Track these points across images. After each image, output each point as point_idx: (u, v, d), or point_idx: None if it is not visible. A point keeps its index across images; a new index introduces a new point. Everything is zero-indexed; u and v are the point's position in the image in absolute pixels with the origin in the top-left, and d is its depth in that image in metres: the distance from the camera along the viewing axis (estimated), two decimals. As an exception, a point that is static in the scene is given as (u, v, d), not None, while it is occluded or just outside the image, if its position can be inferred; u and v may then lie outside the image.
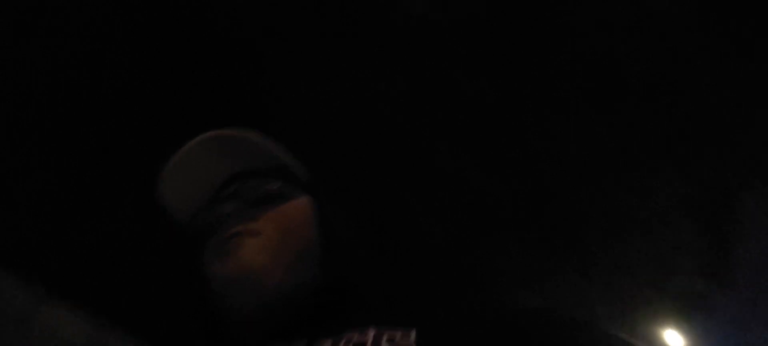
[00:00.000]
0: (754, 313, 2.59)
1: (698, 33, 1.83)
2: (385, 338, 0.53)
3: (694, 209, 2.31)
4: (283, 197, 0.67)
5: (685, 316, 2.66)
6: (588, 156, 2.23)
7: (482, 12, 1.86)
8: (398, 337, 0.53)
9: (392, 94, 2.12)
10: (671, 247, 2.43)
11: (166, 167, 0.68)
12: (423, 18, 1.91)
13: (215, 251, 0.62)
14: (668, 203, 2.29)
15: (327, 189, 0.72)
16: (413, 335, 0.53)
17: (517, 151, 2.23)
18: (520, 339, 0.57)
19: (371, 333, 0.54)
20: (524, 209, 2.43)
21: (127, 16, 1.83)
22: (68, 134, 2.09)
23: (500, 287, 2.62)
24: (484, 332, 0.57)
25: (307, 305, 0.62)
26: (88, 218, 2.34)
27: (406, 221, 2.46)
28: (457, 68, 2.04)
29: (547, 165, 2.26)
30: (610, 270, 2.54)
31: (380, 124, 2.20)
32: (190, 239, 0.68)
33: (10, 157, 2.14)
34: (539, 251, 2.59)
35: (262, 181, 0.68)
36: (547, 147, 2.21)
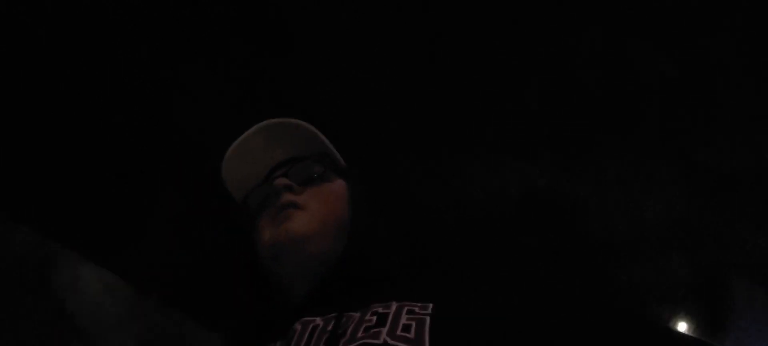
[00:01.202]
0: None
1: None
2: (405, 310, 0.57)
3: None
4: (324, 179, 0.76)
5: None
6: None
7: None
8: (417, 309, 0.57)
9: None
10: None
11: (228, 151, 0.78)
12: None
13: (268, 221, 0.72)
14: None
15: (358, 175, 0.81)
16: (430, 307, 0.57)
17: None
18: (531, 313, 0.58)
19: (393, 306, 0.58)
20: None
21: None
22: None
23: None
24: (496, 306, 0.58)
25: (339, 275, 0.68)
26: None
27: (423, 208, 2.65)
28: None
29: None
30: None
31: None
32: (246, 212, 0.78)
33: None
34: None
35: (308, 164, 0.77)
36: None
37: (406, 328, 0.54)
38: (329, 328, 0.59)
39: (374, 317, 0.57)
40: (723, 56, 1.97)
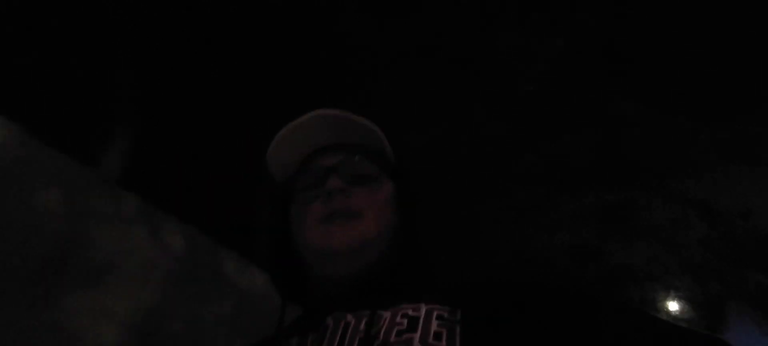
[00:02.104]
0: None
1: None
2: (435, 314, 0.58)
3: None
4: (376, 180, 0.73)
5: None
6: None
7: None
8: (446, 314, 0.58)
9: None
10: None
11: (279, 134, 0.74)
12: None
13: (319, 222, 0.68)
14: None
15: (408, 178, 0.78)
16: (459, 314, 0.58)
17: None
18: (556, 318, 0.58)
19: (423, 309, 0.59)
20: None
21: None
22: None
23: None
24: (521, 313, 0.58)
25: (378, 277, 0.68)
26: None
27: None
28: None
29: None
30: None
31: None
32: (285, 191, 0.75)
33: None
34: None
35: (360, 159, 0.73)
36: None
37: (438, 336, 0.55)
38: (362, 327, 0.59)
39: (405, 320, 0.57)
40: None
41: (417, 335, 0.55)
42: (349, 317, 0.62)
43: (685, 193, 2.73)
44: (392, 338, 0.56)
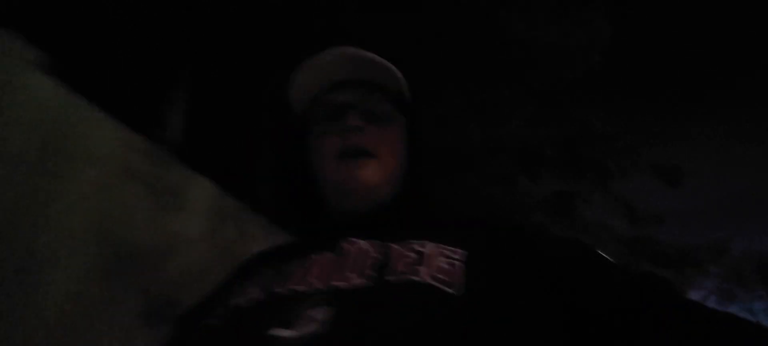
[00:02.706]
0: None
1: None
2: (439, 252, 0.61)
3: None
4: (391, 119, 0.74)
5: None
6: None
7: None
8: (449, 252, 0.60)
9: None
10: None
11: (300, 69, 0.75)
12: None
13: (335, 157, 0.70)
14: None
15: (418, 116, 0.79)
16: (461, 253, 0.60)
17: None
18: (555, 264, 0.62)
19: (428, 246, 0.62)
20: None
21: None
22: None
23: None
24: (522, 257, 0.62)
25: (387, 211, 0.71)
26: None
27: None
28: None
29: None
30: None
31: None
32: (304, 120, 0.76)
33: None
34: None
35: (376, 97, 0.74)
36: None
37: (442, 270, 0.58)
38: (374, 253, 0.62)
39: (412, 254, 0.60)
40: None
41: (423, 268, 0.58)
42: (363, 244, 0.64)
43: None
44: (401, 267, 0.59)
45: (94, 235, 1.34)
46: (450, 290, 0.56)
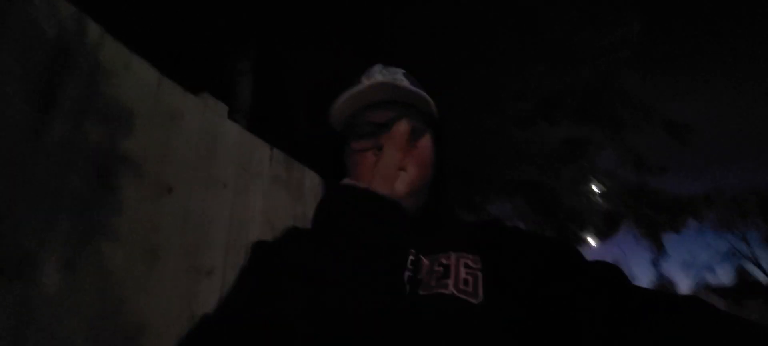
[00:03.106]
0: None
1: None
2: (462, 262, 0.67)
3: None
4: (419, 136, 0.78)
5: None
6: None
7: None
8: (471, 262, 0.67)
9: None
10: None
11: (341, 98, 0.80)
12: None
13: (370, 167, 0.75)
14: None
15: (443, 131, 0.83)
16: (479, 260, 0.68)
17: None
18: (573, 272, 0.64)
19: (452, 257, 0.68)
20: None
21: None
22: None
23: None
24: (536, 258, 0.67)
25: (413, 221, 0.75)
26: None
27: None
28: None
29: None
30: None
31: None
32: (342, 135, 0.82)
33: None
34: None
35: (408, 117, 0.76)
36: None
37: (466, 282, 0.64)
38: (409, 266, 0.67)
39: (441, 268, 0.67)
40: None
41: (451, 281, 0.64)
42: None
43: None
44: (433, 282, 0.65)
45: (262, 220, 1.96)
46: (471, 300, 0.63)
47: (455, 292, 0.64)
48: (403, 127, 0.69)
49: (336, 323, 0.54)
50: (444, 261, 0.69)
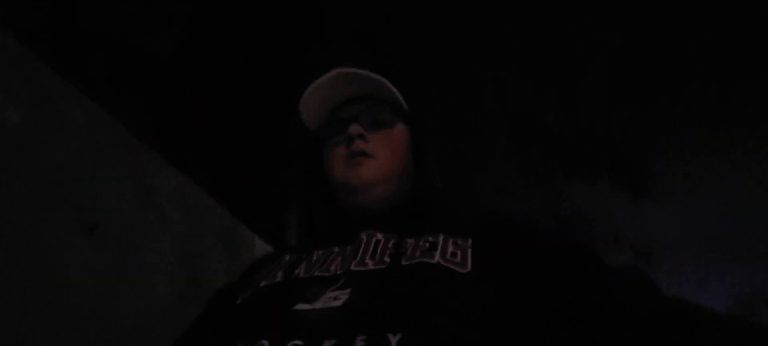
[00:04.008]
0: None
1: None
2: (450, 242, 0.68)
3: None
4: (391, 124, 0.83)
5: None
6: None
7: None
8: (460, 242, 0.68)
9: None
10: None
11: (307, 90, 0.84)
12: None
13: (341, 161, 0.80)
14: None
15: (421, 121, 0.87)
16: (470, 241, 0.68)
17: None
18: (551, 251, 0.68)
19: (440, 237, 0.69)
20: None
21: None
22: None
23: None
24: (524, 241, 0.69)
25: (400, 205, 0.80)
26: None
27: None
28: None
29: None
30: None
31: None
32: (318, 138, 0.87)
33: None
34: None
35: (378, 107, 0.83)
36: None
37: (454, 254, 0.65)
38: (390, 245, 0.69)
39: (427, 244, 0.67)
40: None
41: (437, 252, 0.65)
42: (379, 236, 0.71)
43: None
44: (417, 253, 0.65)
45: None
46: (458, 269, 0.63)
47: (442, 261, 0.63)
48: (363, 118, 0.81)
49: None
50: (431, 239, 0.69)
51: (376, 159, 0.79)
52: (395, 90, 0.84)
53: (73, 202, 1.25)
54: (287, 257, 0.76)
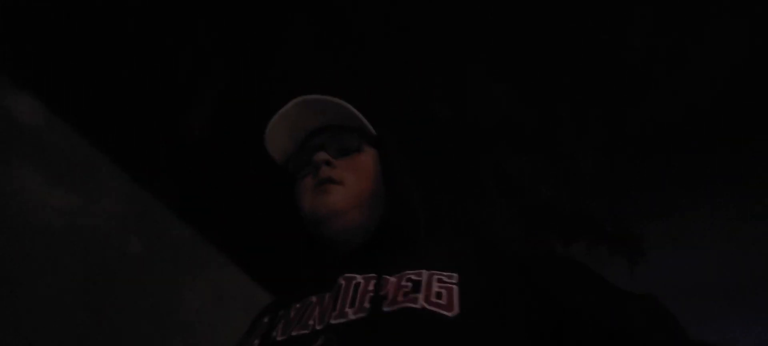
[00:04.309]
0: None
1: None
2: (435, 279, 0.63)
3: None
4: (358, 150, 0.80)
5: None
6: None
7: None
8: (445, 278, 0.63)
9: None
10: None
11: (270, 122, 0.82)
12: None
13: (309, 191, 0.77)
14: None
15: (390, 143, 0.84)
16: (456, 276, 0.63)
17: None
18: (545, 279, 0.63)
19: (424, 274, 0.64)
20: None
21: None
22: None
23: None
24: (514, 274, 0.64)
25: (377, 240, 0.74)
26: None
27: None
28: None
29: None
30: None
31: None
32: (287, 173, 0.84)
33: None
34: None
35: (344, 136, 0.81)
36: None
37: (439, 295, 0.60)
38: (370, 288, 0.64)
39: (409, 283, 0.62)
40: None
41: (421, 295, 0.59)
42: (359, 278, 0.67)
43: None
44: (399, 298, 0.60)
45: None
46: (445, 313, 0.58)
47: (426, 305, 0.59)
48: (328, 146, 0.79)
49: None
50: (414, 277, 0.64)
51: (344, 185, 0.75)
52: (360, 115, 0.82)
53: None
54: (266, 319, 0.73)
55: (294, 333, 0.64)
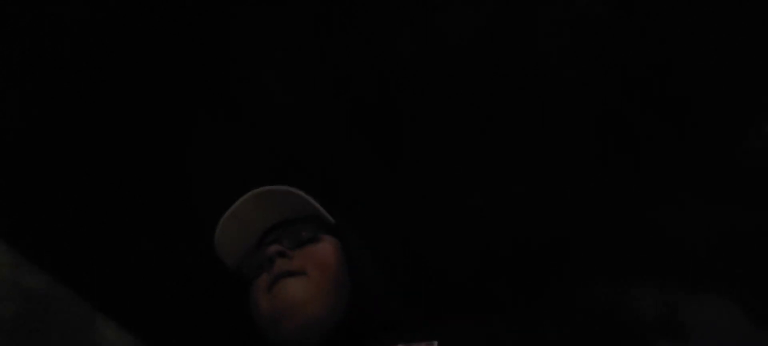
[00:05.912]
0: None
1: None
2: None
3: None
4: (316, 240, 0.75)
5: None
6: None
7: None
8: None
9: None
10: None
11: (220, 221, 0.77)
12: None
13: (264, 290, 0.70)
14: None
15: (349, 230, 0.81)
16: (435, 344, 0.60)
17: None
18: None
19: None
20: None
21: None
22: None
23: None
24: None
25: (345, 334, 0.69)
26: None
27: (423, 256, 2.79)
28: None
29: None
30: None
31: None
32: (240, 279, 0.77)
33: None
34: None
35: (298, 227, 0.76)
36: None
37: None
38: None
39: None
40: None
41: None
42: None
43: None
44: None
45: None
46: None
47: None
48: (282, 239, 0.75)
49: None
50: None
51: (304, 275, 0.70)
52: (317, 204, 0.79)
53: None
54: None
55: None
